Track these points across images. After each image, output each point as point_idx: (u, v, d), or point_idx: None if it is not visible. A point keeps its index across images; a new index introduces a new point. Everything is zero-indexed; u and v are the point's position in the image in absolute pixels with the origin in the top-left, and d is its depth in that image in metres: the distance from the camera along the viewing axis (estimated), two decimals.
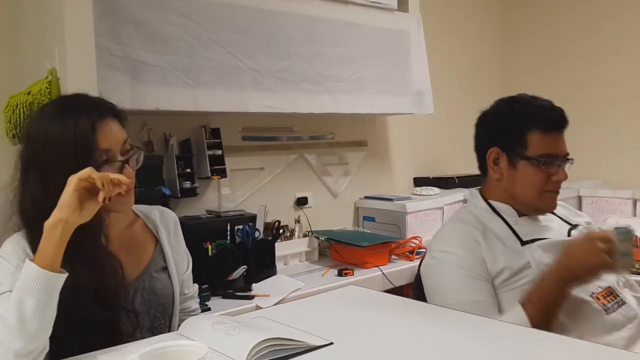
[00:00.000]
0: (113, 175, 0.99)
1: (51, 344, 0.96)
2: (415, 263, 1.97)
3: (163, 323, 1.22)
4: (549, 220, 1.48)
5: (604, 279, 1.36)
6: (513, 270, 1.36)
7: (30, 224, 1.06)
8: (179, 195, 1.95)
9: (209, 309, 1.65)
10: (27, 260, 0.95)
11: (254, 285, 1.86)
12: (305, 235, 2.30)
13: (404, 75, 2.40)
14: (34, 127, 1.10)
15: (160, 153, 1.96)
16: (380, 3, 2.28)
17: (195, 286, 1.37)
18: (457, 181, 2.68)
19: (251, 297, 1.74)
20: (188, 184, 1.98)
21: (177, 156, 1.97)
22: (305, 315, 1.15)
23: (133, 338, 1.09)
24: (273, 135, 2.32)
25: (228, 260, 1.83)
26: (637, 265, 1.84)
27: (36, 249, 0.96)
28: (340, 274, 2.00)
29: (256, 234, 1.95)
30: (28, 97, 1.56)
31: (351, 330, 1.03)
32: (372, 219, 2.50)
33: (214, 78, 1.82)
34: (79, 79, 1.46)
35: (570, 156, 1.44)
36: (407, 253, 2.20)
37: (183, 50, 1.75)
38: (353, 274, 2.00)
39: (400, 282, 2.05)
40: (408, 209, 2.32)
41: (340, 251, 2.18)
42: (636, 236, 1.89)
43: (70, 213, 0.96)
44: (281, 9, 1.98)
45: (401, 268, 2.09)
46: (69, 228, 0.96)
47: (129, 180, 1.04)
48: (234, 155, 2.16)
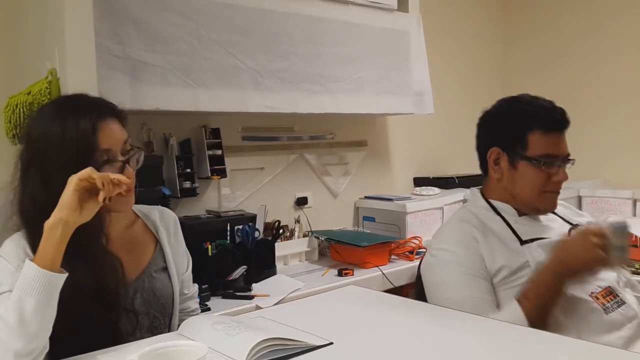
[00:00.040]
0: (113, 176, 1.00)
1: (51, 344, 0.96)
2: (415, 263, 1.97)
3: (163, 323, 1.22)
4: (550, 220, 1.48)
5: (603, 279, 1.36)
6: (512, 268, 1.36)
7: (30, 224, 1.06)
8: (179, 195, 1.95)
9: (209, 309, 1.65)
10: (27, 260, 0.95)
11: (254, 285, 1.86)
12: (305, 235, 2.30)
13: (404, 75, 2.40)
14: (34, 127, 1.10)
15: (160, 153, 1.96)
16: (380, 3, 2.28)
17: (195, 286, 1.37)
18: (457, 181, 2.68)
19: (251, 297, 1.74)
20: (188, 184, 1.97)
21: (177, 156, 1.97)
22: (305, 315, 1.15)
23: (133, 338, 1.09)
24: (273, 135, 2.32)
25: (228, 260, 1.83)
26: (637, 265, 1.84)
27: (36, 249, 0.96)
28: (340, 274, 2.00)
29: (256, 234, 1.95)
30: (28, 97, 1.56)
31: (351, 330, 1.03)
32: (372, 219, 2.50)
33: (214, 78, 1.82)
34: (79, 79, 1.46)
35: (571, 157, 1.44)
36: (407, 253, 2.20)
37: (183, 50, 1.75)
38: (353, 274, 2.00)
39: (400, 282, 2.05)
40: (408, 209, 2.32)
41: (340, 251, 2.18)
42: (636, 236, 1.90)
43: (70, 213, 0.96)
44: (281, 9, 1.98)
45: (401, 268, 2.09)
46: (69, 228, 0.96)
47: (129, 181, 1.04)
48: (234, 155, 2.16)
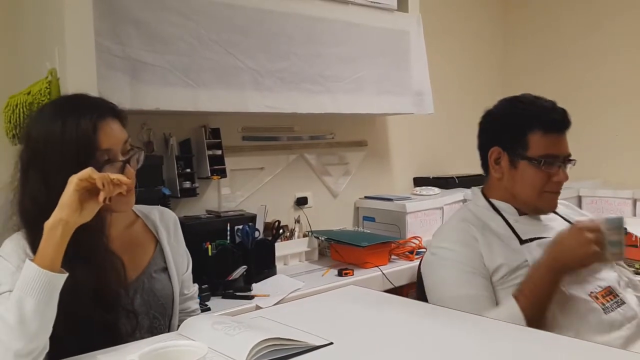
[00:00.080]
0: (113, 176, 1.00)
1: (51, 344, 0.96)
2: (415, 263, 1.97)
3: (162, 324, 1.22)
4: (551, 219, 1.48)
5: (604, 279, 1.37)
6: (511, 267, 1.37)
7: (31, 224, 1.06)
8: (179, 195, 1.95)
9: (209, 309, 1.65)
10: (28, 260, 0.95)
11: (254, 285, 1.86)
12: (305, 235, 2.30)
13: (404, 75, 2.40)
14: (34, 127, 1.10)
15: (160, 153, 1.96)
16: (380, 3, 2.28)
17: (195, 286, 1.37)
18: (457, 181, 2.68)
19: (251, 297, 1.73)
20: (188, 184, 1.97)
21: (177, 156, 1.97)
22: (305, 315, 1.15)
23: (132, 338, 1.09)
24: (273, 135, 2.32)
25: (228, 260, 1.83)
26: (638, 265, 1.84)
27: (36, 249, 0.96)
28: (340, 274, 2.00)
29: (256, 234, 1.95)
30: (28, 97, 1.56)
31: (351, 330, 1.03)
32: (372, 219, 2.50)
33: (214, 78, 1.82)
34: (79, 79, 1.46)
35: (572, 157, 1.44)
36: (407, 253, 2.20)
37: (183, 50, 1.75)
38: (353, 274, 2.00)
39: (400, 282, 2.05)
40: (408, 209, 2.32)
41: (340, 251, 2.18)
42: (636, 236, 1.90)
43: (70, 213, 0.96)
44: (281, 9, 1.98)
45: (401, 268, 2.09)
46: (70, 228, 0.96)
47: (130, 181, 1.04)
48: (234, 155, 2.16)
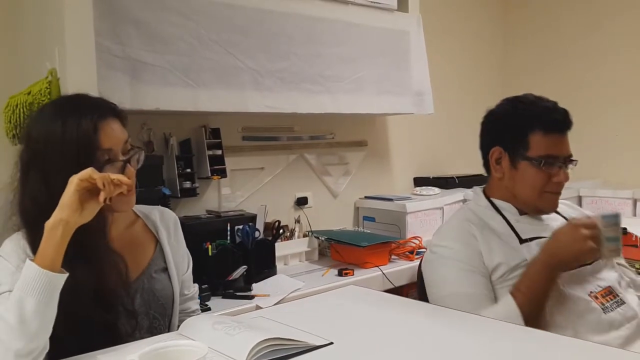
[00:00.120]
0: (114, 176, 1.00)
1: (51, 344, 0.96)
2: (415, 263, 1.97)
3: (162, 324, 1.22)
4: (552, 219, 1.48)
5: (604, 279, 1.37)
6: (510, 266, 1.37)
7: (31, 224, 1.06)
8: (179, 195, 1.95)
9: (209, 309, 1.65)
10: (28, 260, 0.95)
11: (254, 285, 1.86)
12: (305, 235, 2.30)
13: (404, 75, 2.39)
14: (34, 128, 1.10)
15: (160, 153, 1.96)
16: (380, 3, 2.28)
17: (196, 287, 1.37)
18: (457, 181, 2.68)
19: (251, 297, 1.74)
20: (188, 184, 1.97)
21: (177, 156, 1.97)
22: (305, 315, 1.15)
23: (132, 339, 1.09)
24: (273, 135, 2.32)
25: (228, 260, 1.83)
26: (638, 265, 1.84)
27: (36, 249, 0.96)
28: (340, 274, 2.00)
29: (256, 234, 1.95)
30: (28, 97, 1.56)
31: (351, 330, 1.03)
32: (372, 219, 2.50)
33: (214, 78, 1.82)
34: (79, 79, 1.46)
35: (573, 157, 1.44)
36: (407, 253, 2.20)
37: (183, 50, 1.75)
38: (353, 274, 2.00)
39: (400, 282, 2.05)
40: (408, 209, 2.32)
41: (340, 251, 2.18)
42: (636, 236, 1.91)
43: (71, 213, 0.96)
44: (281, 9, 1.98)
45: (401, 268, 2.09)
46: (70, 228, 0.96)
47: (130, 181, 1.04)
48: (234, 155, 2.16)
